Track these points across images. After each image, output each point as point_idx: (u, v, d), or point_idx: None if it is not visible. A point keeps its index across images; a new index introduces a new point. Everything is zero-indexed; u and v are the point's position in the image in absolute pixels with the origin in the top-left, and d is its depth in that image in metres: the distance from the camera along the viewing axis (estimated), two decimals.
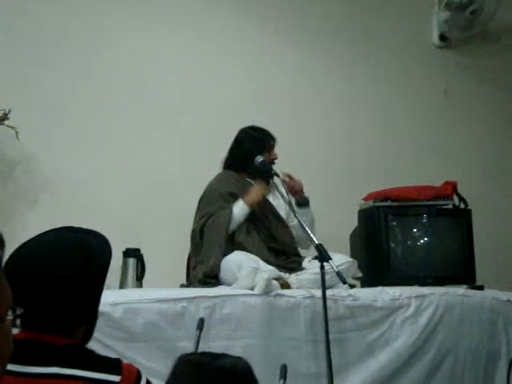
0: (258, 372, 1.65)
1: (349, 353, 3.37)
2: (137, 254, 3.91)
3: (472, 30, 5.43)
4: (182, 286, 3.75)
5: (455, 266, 4.07)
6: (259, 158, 3.76)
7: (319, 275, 3.16)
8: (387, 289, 3.63)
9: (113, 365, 1.69)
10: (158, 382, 1.98)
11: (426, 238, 4.04)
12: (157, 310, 3.06)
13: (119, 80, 4.66)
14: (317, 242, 3.23)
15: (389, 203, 4.08)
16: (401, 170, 5.05)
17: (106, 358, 1.76)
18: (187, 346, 2.78)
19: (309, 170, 4.88)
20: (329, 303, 3.16)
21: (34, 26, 4.53)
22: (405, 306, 3.54)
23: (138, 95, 4.67)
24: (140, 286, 3.88)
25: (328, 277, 3.20)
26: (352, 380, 3.33)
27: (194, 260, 3.71)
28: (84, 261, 1.67)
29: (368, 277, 3.92)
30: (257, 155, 3.76)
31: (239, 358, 1.61)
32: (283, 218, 3.83)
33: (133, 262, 3.91)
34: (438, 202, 4.14)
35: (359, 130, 5.21)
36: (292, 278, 3.51)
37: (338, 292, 3.43)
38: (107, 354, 2.64)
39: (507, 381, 3.58)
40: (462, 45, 5.59)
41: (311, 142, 5.05)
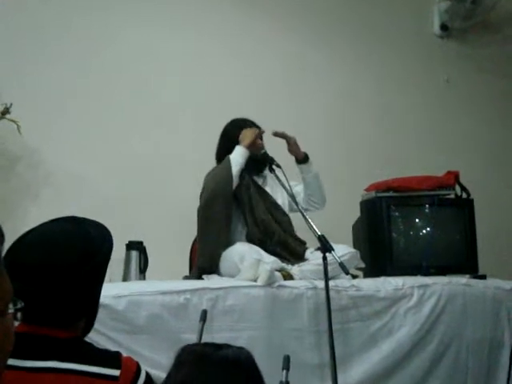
0: (261, 363, 1.65)
1: (352, 343, 3.37)
2: (140, 246, 3.91)
3: (473, 20, 5.42)
4: (185, 277, 3.75)
5: (458, 256, 4.07)
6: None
7: (322, 266, 3.16)
8: (390, 279, 3.63)
9: (112, 358, 1.67)
10: (161, 374, 1.99)
11: (428, 228, 4.04)
12: (160, 302, 3.06)
13: (120, 75, 4.67)
14: (319, 232, 3.23)
15: (391, 194, 4.08)
16: (403, 160, 5.05)
17: (106, 352, 1.75)
18: (190, 338, 2.78)
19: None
20: (332, 294, 3.16)
21: (36, 22, 4.54)
22: (407, 296, 3.55)
23: (139, 90, 4.68)
24: (143, 278, 3.89)
25: (330, 267, 3.20)
26: (355, 370, 3.33)
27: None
28: (84, 252, 1.65)
29: (371, 267, 3.92)
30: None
31: (241, 348, 1.62)
32: (281, 206, 3.82)
33: (136, 254, 3.91)
34: (441, 192, 4.14)
35: (361, 121, 5.21)
36: (295, 269, 3.52)
37: (341, 283, 3.44)
38: (110, 346, 2.67)
39: (510, 370, 3.60)
40: (463, 34, 5.59)
41: (313, 133, 5.04)
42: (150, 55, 4.77)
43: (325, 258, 3.15)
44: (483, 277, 3.87)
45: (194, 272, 3.69)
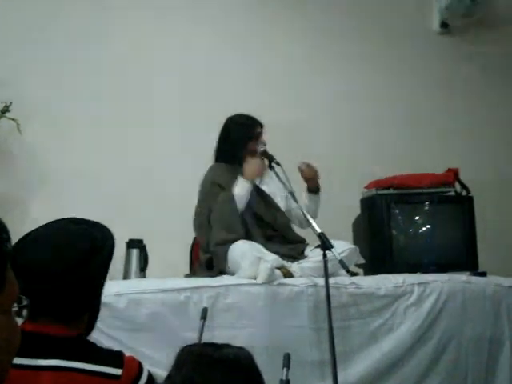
0: (261, 360, 1.65)
1: (352, 341, 3.37)
2: (140, 244, 3.92)
3: (473, 17, 5.41)
4: (186, 276, 3.75)
5: (457, 253, 4.07)
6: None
7: (321, 263, 3.16)
8: (390, 276, 3.63)
9: (114, 357, 1.67)
10: (161, 372, 1.99)
11: (428, 226, 4.04)
12: (160, 300, 3.07)
13: (120, 73, 4.67)
14: (319, 230, 3.23)
15: (391, 191, 4.08)
16: (403, 157, 5.04)
17: (108, 351, 1.75)
18: (191, 336, 2.79)
19: (311, 159, 4.88)
20: (332, 291, 3.16)
21: (35, 19, 4.53)
22: (408, 294, 3.55)
23: (139, 88, 4.67)
24: (143, 276, 3.89)
25: (330, 264, 3.20)
26: (355, 367, 3.34)
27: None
28: (87, 251, 1.65)
29: (371, 265, 3.93)
30: (244, 143, 3.74)
31: (241, 348, 1.61)
32: (278, 206, 3.81)
33: (136, 252, 3.91)
34: (440, 190, 4.14)
35: (361, 119, 5.21)
36: (294, 267, 3.52)
37: (341, 280, 3.44)
38: (111, 344, 2.67)
39: (511, 366, 3.60)
40: (462, 31, 5.58)
41: (314, 130, 5.04)
42: (150, 54, 4.76)
43: (325, 256, 3.15)
44: (483, 274, 3.87)
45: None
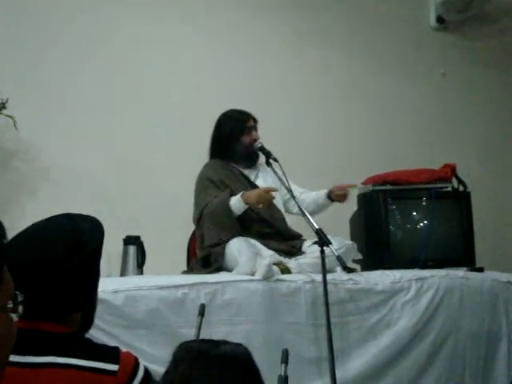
0: (259, 357, 1.65)
1: (350, 336, 3.38)
2: (137, 241, 3.92)
3: (469, 12, 5.41)
4: (184, 272, 3.75)
5: (455, 249, 4.08)
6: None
7: (319, 259, 3.16)
8: (388, 272, 3.64)
9: (110, 353, 1.66)
10: (159, 369, 1.99)
11: (425, 221, 4.04)
12: (158, 296, 3.07)
13: (120, 71, 4.66)
14: (316, 226, 3.23)
15: (388, 187, 4.08)
16: (399, 153, 5.05)
17: (104, 347, 1.74)
18: (188, 333, 2.79)
19: (308, 156, 4.90)
20: (329, 287, 3.16)
21: (32, 16, 4.52)
22: (405, 289, 3.55)
23: (138, 86, 4.67)
24: (141, 273, 3.89)
25: (327, 260, 3.20)
26: (353, 363, 3.34)
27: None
28: (72, 245, 1.64)
29: (368, 261, 3.93)
30: (237, 137, 3.74)
31: (239, 344, 1.61)
32: (275, 204, 3.80)
33: (133, 249, 3.92)
34: (437, 185, 4.14)
35: (357, 115, 5.21)
36: (292, 263, 3.52)
37: (339, 276, 3.44)
38: (109, 341, 2.67)
39: (508, 362, 3.61)
40: (459, 27, 5.58)
41: (310, 127, 5.05)
42: (149, 52, 4.76)
43: (323, 252, 3.16)
44: (480, 269, 3.87)
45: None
